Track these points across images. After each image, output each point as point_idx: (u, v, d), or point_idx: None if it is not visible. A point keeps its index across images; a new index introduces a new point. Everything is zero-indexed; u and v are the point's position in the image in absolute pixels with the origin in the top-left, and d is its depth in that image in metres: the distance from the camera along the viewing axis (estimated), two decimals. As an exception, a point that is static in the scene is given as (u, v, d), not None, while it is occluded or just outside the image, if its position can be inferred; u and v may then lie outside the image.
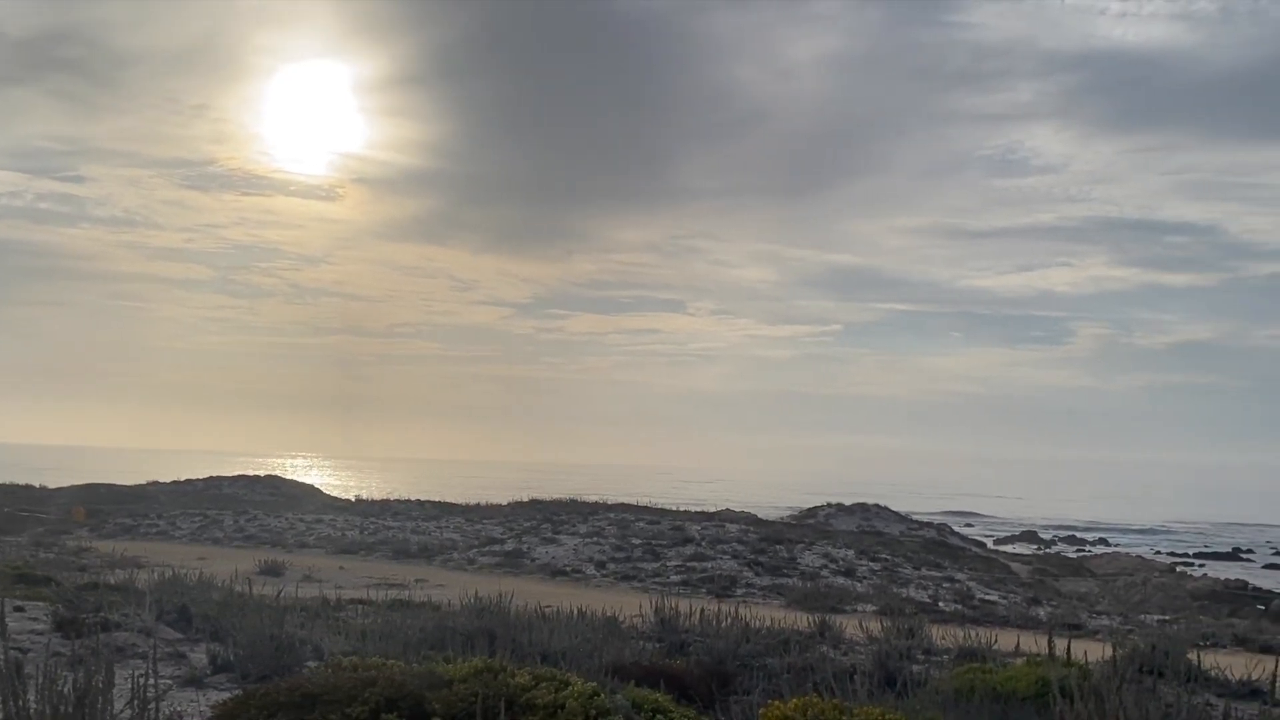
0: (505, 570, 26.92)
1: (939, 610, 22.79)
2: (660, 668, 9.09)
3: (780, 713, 6.64)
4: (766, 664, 10.84)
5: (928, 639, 14.25)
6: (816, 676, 9.05)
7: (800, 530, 40.27)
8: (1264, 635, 20.74)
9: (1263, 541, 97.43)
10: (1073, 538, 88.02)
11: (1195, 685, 10.01)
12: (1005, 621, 21.18)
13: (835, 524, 52.19)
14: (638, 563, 28.61)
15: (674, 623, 13.63)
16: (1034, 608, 25.74)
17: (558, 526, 33.73)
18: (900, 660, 11.61)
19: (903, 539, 46.95)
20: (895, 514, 58.57)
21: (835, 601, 22.42)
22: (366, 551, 30.95)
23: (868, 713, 6.37)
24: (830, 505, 58.19)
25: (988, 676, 9.43)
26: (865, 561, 31.12)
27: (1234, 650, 18.06)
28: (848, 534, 44.04)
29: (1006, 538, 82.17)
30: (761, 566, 28.71)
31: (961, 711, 7.68)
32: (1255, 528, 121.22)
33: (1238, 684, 11.63)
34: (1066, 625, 20.28)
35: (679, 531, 32.84)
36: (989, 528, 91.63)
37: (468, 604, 12.84)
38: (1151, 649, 11.47)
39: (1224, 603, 42.21)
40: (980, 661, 11.57)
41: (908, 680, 9.08)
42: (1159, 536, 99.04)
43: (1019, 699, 8.47)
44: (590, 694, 6.21)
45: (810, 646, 12.93)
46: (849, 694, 7.62)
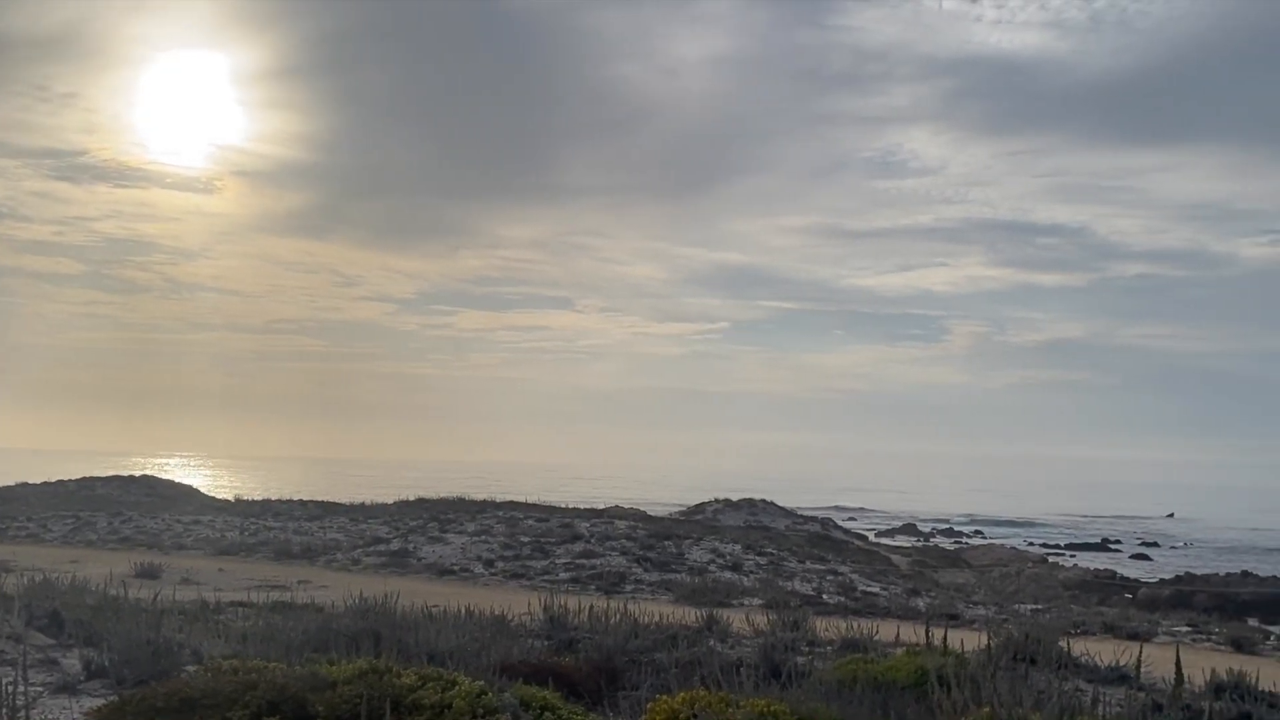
0: (391, 570, 26.55)
1: (823, 603, 23.21)
2: (549, 665, 9.09)
3: (667, 707, 6.70)
4: (655, 659, 10.90)
5: (812, 631, 14.51)
6: (703, 670, 9.14)
7: (688, 526, 40.61)
8: (1131, 622, 21.59)
9: (1129, 532, 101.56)
10: (951, 530, 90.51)
11: (1066, 671, 10.40)
12: (886, 612, 21.65)
13: (723, 519, 52.72)
14: (526, 561, 28.49)
15: (563, 620, 13.62)
16: (913, 599, 26.38)
17: (445, 525, 33.39)
18: (785, 652, 11.80)
19: (788, 533, 47.73)
20: (781, 509, 59.43)
21: (723, 596, 22.63)
22: (247, 553, 30.21)
23: (753, 705, 6.46)
24: (718, 501, 58.75)
25: (869, 667, 9.66)
26: (752, 556, 31.48)
27: (1103, 637, 18.78)
28: (735, 529, 44.54)
29: (888, 531, 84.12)
30: (650, 563, 28.84)
31: (844, 701, 7.84)
32: (1123, 519, 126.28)
33: (1106, 670, 12.12)
34: (944, 615, 20.82)
35: (568, 529, 32.80)
36: (871, 521, 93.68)
37: (352, 605, 12.64)
38: (1025, 637, 11.88)
39: (1093, 592, 43.96)
40: (862, 652, 11.85)
41: (792, 672, 9.25)
42: (1032, 529, 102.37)
43: (899, 688, 8.70)
44: (477, 693, 6.18)
45: (698, 641, 13.06)
46: (735, 686, 7.73)
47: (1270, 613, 41.22)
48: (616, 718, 8.13)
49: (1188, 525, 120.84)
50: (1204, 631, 21.65)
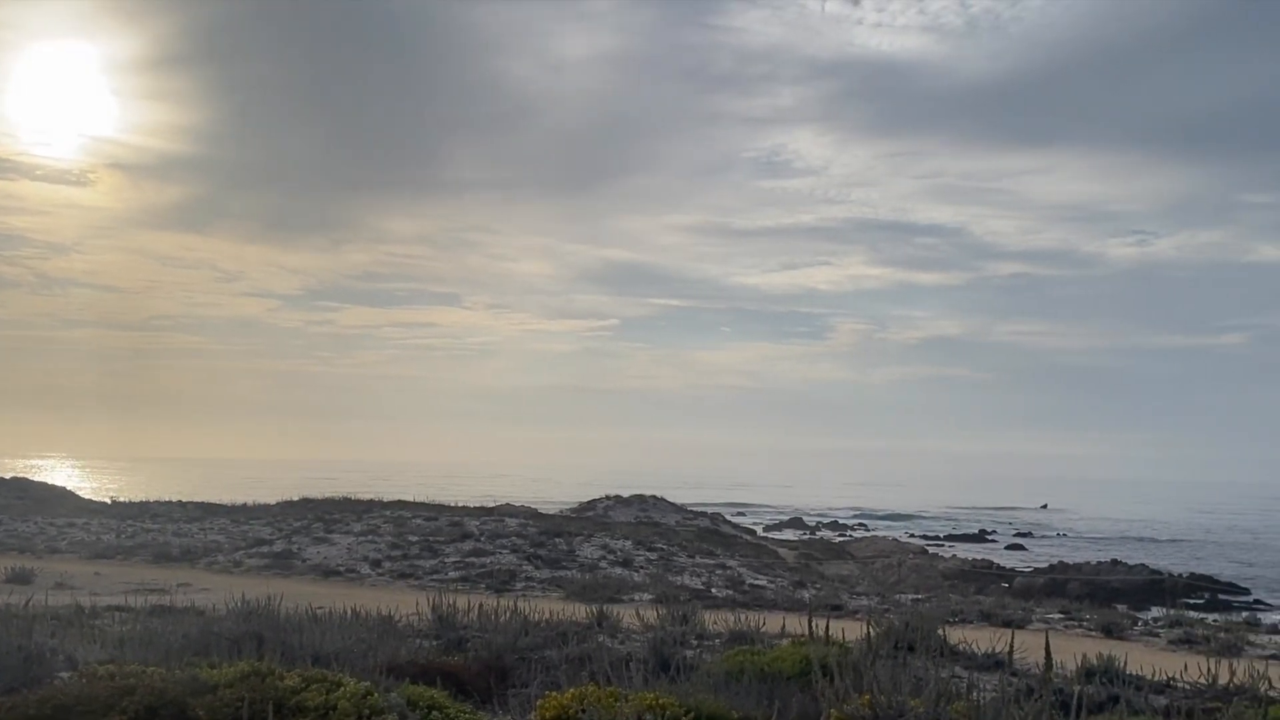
0: (275, 572, 26.02)
1: (712, 596, 23.47)
2: (437, 664, 9.03)
3: (557, 703, 6.73)
4: (545, 656, 10.91)
5: (701, 624, 14.65)
6: (593, 666, 9.18)
7: (579, 523, 40.65)
8: (1006, 610, 22.29)
9: (1005, 523, 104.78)
10: (835, 523, 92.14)
11: (944, 659, 10.71)
12: (773, 605, 21.99)
13: (614, 516, 52.87)
14: (415, 560, 28.19)
15: (452, 619, 13.53)
16: (799, 591, 26.84)
17: (330, 526, 32.83)
18: (675, 646, 11.90)
19: (678, 529, 48.06)
20: (671, 504, 59.82)
21: (613, 592, 22.73)
22: (125, 556, 29.29)
23: (641, 698, 6.52)
24: (609, 498, 58.88)
25: (756, 658, 9.81)
26: (642, 552, 31.67)
27: (980, 625, 19.36)
28: (626, 525, 44.70)
29: (775, 525, 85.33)
30: (541, 560, 28.81)
31: (731, 693, 7.95)
32: (999, 511, 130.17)
33: (983, 656, 12.52)
34: (829, 606, 21.23)
35: (457, 527, 32.55)
36: (759, 516, 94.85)
37: (234, 607, 12.37)
38: (905, 626, 12.20)
39: (971, 581, 45.22)
40: (750, 644, 12.02)
41: (681, 665, 9.35)
42: (913, 521, 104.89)
43: (785, 678, 8.86)
44: (363, 694, 6.12)
45: (588, 637, 13.09)
46: (625, 681, 7.78)
47: (1138, 599, 42.98)
48: (506, 715, 8.13)
49: (1060, 516, 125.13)
50: (1076, 618, 22.46)
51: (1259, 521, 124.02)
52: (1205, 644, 18.40)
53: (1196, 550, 78.44)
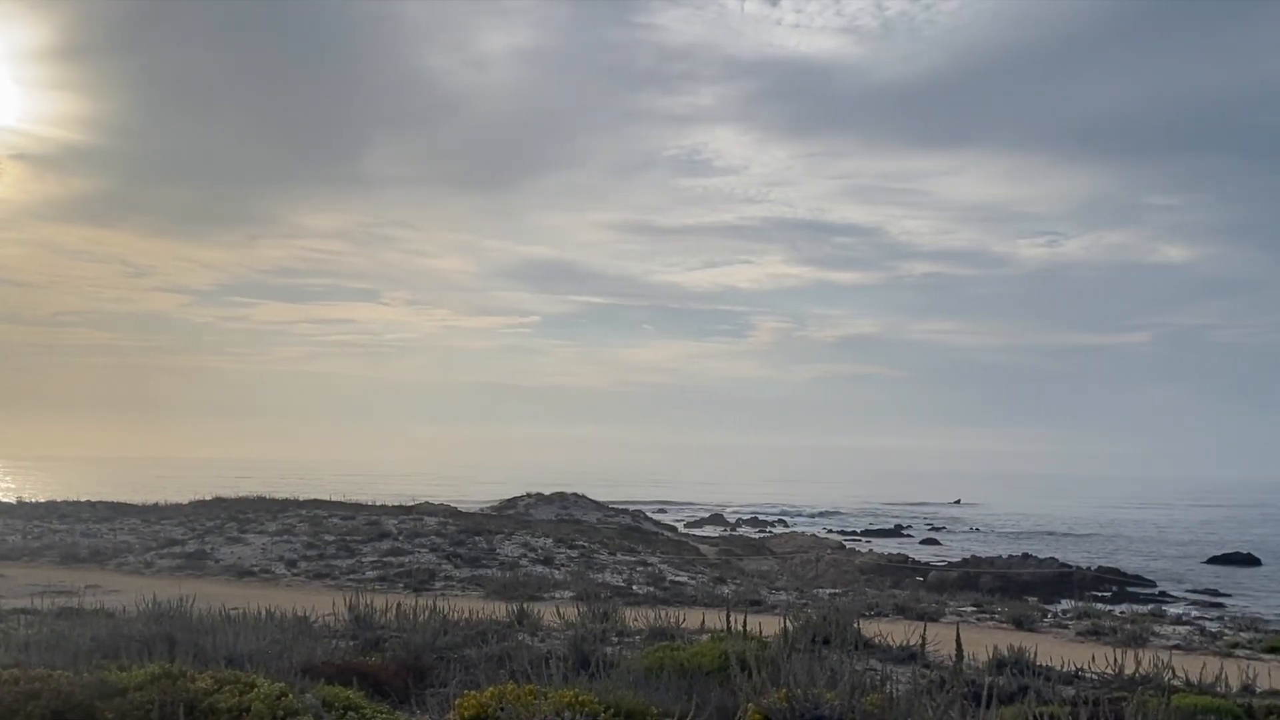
0: (187, 572, 25.51)
1: (633, 593, 23.53)
2: (354, 665, 8.94)
3: (475, 702, 6.69)
4: (465, 655, 10.86)
5: (622, 621, 14.69)
6: (513, 664, 9.16)
7: (500, 521, 40.46)
8: (921, 604, 22.69)
9: (920, 518, 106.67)
10: (755, 520, 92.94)
11: (860, 652, 10.87)
12: (694, 601, 22.11)
13: (535, 514, 52.77)
14: (331, 560, 27.84)
15: (369, 619, 13.39)
16: (719, 587, 27.04)
17: (244, 525, 32.26)
18: (595, 643, 11.92)
19: (600, 526, 48.14)
20: (593, 502, 59.87)
21: (534, 590, 22.68)
22: (30, 557, 28.46)
23: (561, 696, 6.52)
24: (530, 495, 58.74)
25: (676, 654, 9.87)
26: (563, 549, 31.65)
27: (895, 618, 19.68)
28: (547, 523, 44.64)
29: (696, 521, 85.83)
30: (461, 558, 28.64)
31: (651, 689, 7.99)
32: (915, 506, 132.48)
33: (898, 649, 12.74)
34: (748, 602, 21.42)
35: (375, 526, 32.21)
36: (681, 513, 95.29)
37: (145, 609, 12.10)
38: (822, 620, 12.35)
39: (887, 575, 45.95)
40: (670, 640, 12.08)
41: (601, 662, 9.37)
42: (832, 517, 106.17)
43: (704, 673, 8.92)
44: (278, 695, 6.04)
45: (508, 635, 13.06)
46: (544, 679, 7.77)
47: (1048, 592, 44.03)
48: (424, 715, 8.07)
49: (973, 511, 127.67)
50: (988, 611, 22.96)
51: (1164, 515, 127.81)
52: (1112, 635, 18.93)
53: (1104, 544, 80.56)
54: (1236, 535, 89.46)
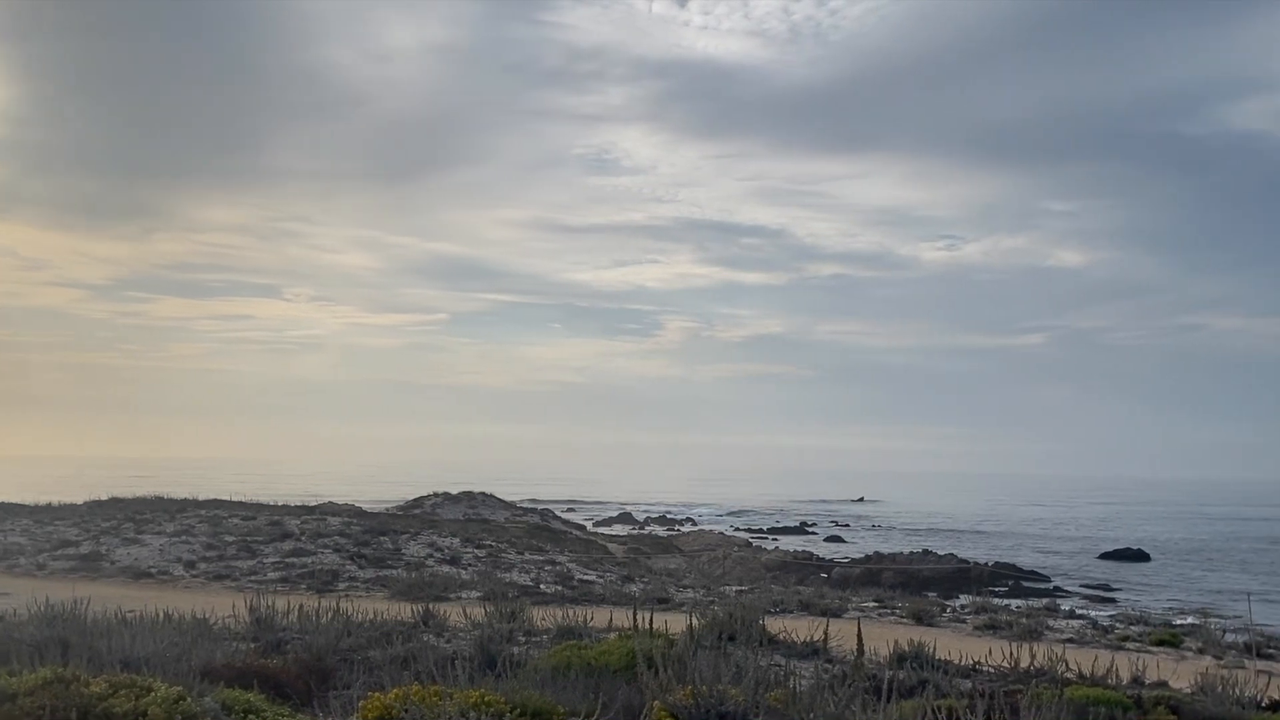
0: (82, 574, 24.75)
1: (541, 592, 23.48)
2: (255, 667, 8.78)
3: (380, 704, 6.63)
4: (369, 656, 10.73)
5: (529, 621, 14.67)
6: (418, 665, 9.08)
7: (406, 521, 40.02)
8: (825, 600, 23.04)
9: (825, 515, 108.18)
10: (664, 518, 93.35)
11: (765, 648, 11.00)
12: (602, 599, 22.15)
13: (442, 513, 52.32)
14: (232, 561, 27.27)
15: (271, 621, 13.16)
16: (628, 585, 27.12)
17: (141, 526, 31.42)
18: (502, 643, 11.87)
19: (508, 525, 47.87)
20: (501, 501, 59.56)
21: (440, 590, 22.49)
22: (-90, 562, 27.40)
23: (466, 696, 6.49)
24: (437, 495, 58.23)
25: (583, 652, 9.88)
26: (470, 549, 31.45)
27: (800, 615, 19.94)
28: (454, 522, 44.28)
29: (605, 520, 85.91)
30: (365, 559, 28.28)
31: (558, 687, 7.99)
32: (819, 503, 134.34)
33: (802, 645, 12.92)
34: (656, 600, 21.52)
35: (277, 526, 31.63)
36: (589, 511, 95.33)
37: (37, 612, 11.73)
38: (729, 617, 12.48)
39: (792, 572, 46.49)
40: (577, 639, 12.09)
41: (508, 662, 9.34)
42: (739, 515, 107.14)
43: (611, 671, 8.95)
44: (175, 699, 5.91)
45: (414, 636, 12.94)
46: (450, 680, 7.72)
47: (947, 587, 44.99)
48: (327, 718, 7.96)
49: (876, 508, 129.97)
50: (889, 606, 23.38)
51: (1059, 512, 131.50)
52: (1008, 629, 19.43)
53: (1001, 540, 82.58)
54: (1128, 532, 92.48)
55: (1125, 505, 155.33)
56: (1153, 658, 16.42)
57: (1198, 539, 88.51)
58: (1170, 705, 9.47)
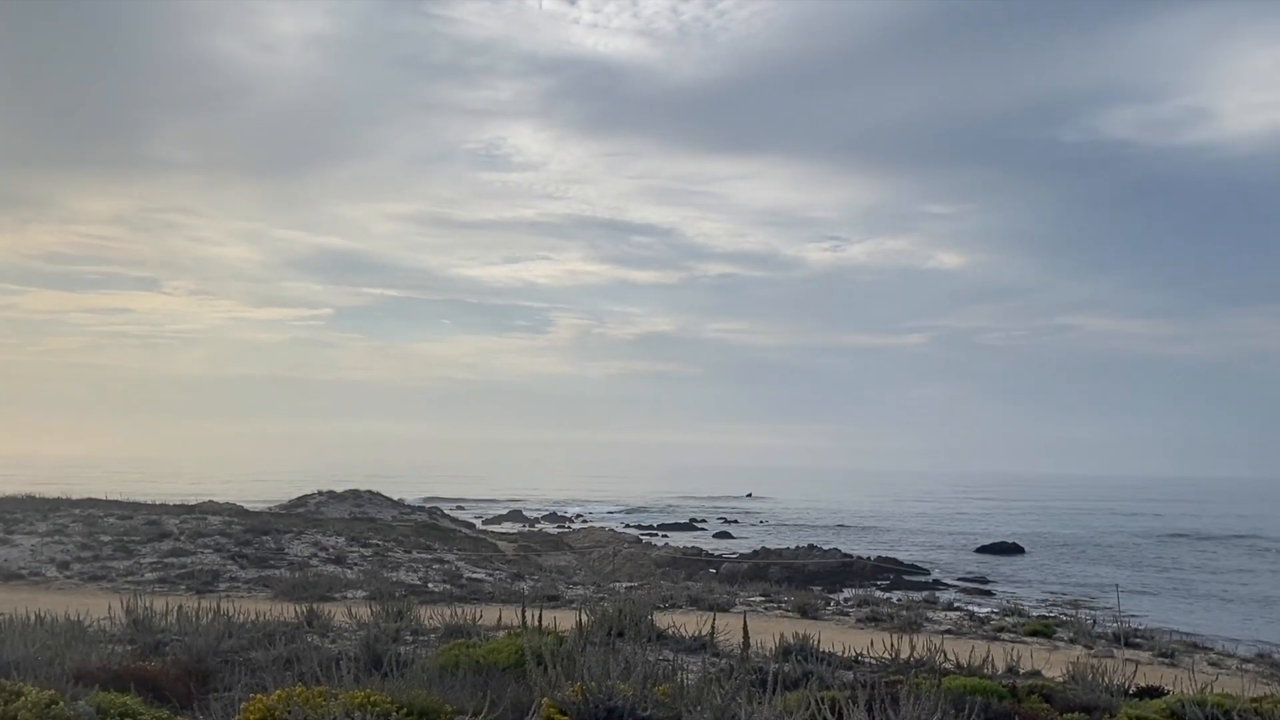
0: (-56, 578, 23.74)
1: (429, 591, 23.28)
2: (132, 670, 8.55)
3: (262, 705, 6.52)
4: (251, 658, 10.52)
5: (416, 620, 14.54)
6: (302, 666, 8.95)
7: (289, 519, 39.27)
8: (713, 595, 23.30)
9: (714, 511, 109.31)
10: (555, 515, 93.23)
11: (654, 643, 11.10)
12: (491, 598, 22.06)
13: (326, 512, 51.46)
14: (108, 561, 26.42)
15: (148, 623, 12.81)
16: (518, 583, 27.04)
17: (11, 526, 30.23)
18: (389, 643, 11.74)
19: (395, 523, 47.29)
20: (388, 499, 58.82)
21: (325, 590, 22.15)
22: None
23: (351, 697, 6.43)
24: (321, 493, 57.26)
25: (471, 651, 9.85)
26: (356, 548, 31.03)
27: (689, 610, 20.13)
28: (339, 521, 43.61)
29: (495, 518, 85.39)
30: (247, 559, 27.68)
31: (446, 686, 7.95)
32: (709, 499, 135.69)
33: (690, 639, 13.05)
34: (546, 597, 21.53)
35: (155, 526, 30.76)
36: (479, 509, 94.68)
37: (-105, 618, 11.22)
38: (618, 614, 12.54)
39: (682, 568, 46.94)
40: (466, 637, 12.03)
41: (394, 661, 9.25)
42: (630, 512, 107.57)
43: (500, 669, 8.94)
44: (47, 703, 5.73)
45: (297, 637, 12.71)
46: (335, 680, 7.62)
47: (832, 581, 45.90)
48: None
49: (764, 504, 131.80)
50: (775, 600, 23.77)
51: (939, 507, 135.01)
52: (890, 621, 19.94)
53: (884, 535, 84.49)
54: (1004, 526, 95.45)
55: (1002, 500, 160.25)
56: (1027, 648, 17.05)
57: (1070, 533, 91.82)
58: (1043, 694, 9.82)
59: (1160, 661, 17.24)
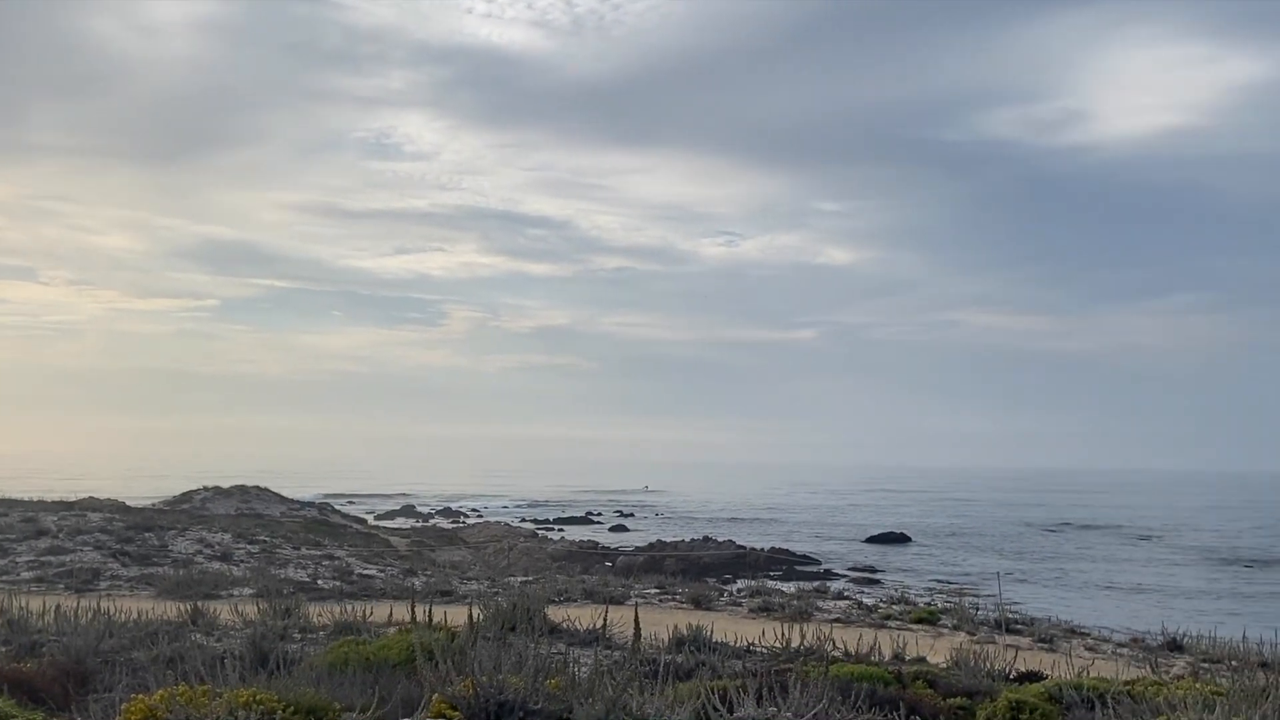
0: None
1: (318, 588, 22.91)
2: (6, 672, 8.27)
3: (143, 706, 6.36)
4: (133, 658, 10.25)
5: (305, 618, 14.34)
6: (186, 665, 8.74)
7: (173, 516, 38.29)
8: (609, 588, 23.37)
9: (611, 505, 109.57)
10: (450, 510, 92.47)
11: (548, 637, 11.10)
12: (383, 594, 21.80)
13: (212, 508, 50.29)
14: (-20, 561, 25.44)
15: (24, 623, 12.40)
16: (410, 579, 26.76)
17: (-126, 525, 28.96)
18: (276, 641, 11.55)
19: (284, 520, 46.43)
20: (277, 495, 57.70)
21: (210, 588, 21.66)
22: None
23: (236, 695, 6.30)
24: (207, 489, 55.93)
25: (362, 648, 9.73)
26: (243, 545, 30.42)
27: (584, 603, 20.18)
28: (225, 518, 42.66)
29: (387, 513, 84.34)
30: (129, 557, 26.93)
31: (335, 684, 7.85)
32: (605, 493, 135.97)
33: (584, 632, 13.11)
34: (439, 593, 21.34)
35: (31, 523, 29.70)
36: (371, 504, 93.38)
37: None
38: (511, 608, 12.52)
39: (578, 561, 47.00)
40: (356, 634, 11.89)
41: (282, 659, 9.10)
42: (526, 506, 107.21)
43: (391, 666, 8.85)
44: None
45: (181, 636, 12.43)
46: (220, 679, 7.47)
47: (726, 572, 46.44)
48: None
49: (660, 497, 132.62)
50: (670, 592, 23.94)
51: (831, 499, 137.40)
52: (781, 611, 20.23)
53: (778, 527, 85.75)
54: (893, 517, 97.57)
55: (893, 492, 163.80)
56: (912, 635, 17.48)
57: (956, 523, 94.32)
58: (927, 679, 10.08)
59: (1040, 647, 17.82)
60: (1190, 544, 74.36)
